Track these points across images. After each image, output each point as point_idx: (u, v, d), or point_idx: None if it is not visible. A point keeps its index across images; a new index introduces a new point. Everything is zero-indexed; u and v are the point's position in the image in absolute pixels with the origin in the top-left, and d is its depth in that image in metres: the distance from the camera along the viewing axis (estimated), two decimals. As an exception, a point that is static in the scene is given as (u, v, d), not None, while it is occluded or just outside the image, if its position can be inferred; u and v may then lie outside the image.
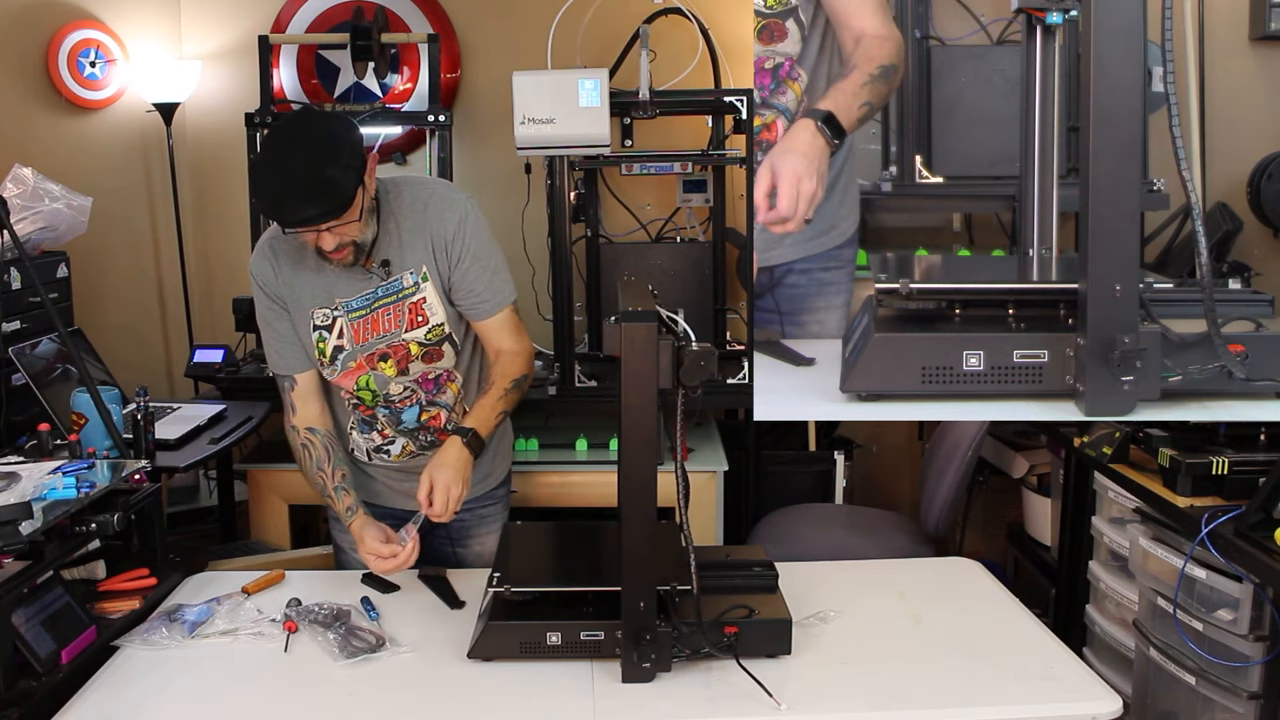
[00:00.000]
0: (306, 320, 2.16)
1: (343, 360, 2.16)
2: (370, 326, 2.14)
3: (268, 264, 2.16)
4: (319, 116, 2.09)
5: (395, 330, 2.14)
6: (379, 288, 2.13)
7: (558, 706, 1.69)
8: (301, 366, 2.20)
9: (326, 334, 2.15)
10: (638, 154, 3.21)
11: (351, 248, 2.03)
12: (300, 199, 1.91)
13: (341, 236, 1.99)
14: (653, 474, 1.69)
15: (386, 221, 2.11)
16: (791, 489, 3.44)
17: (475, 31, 3.79)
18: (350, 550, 2.37)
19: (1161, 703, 2.37)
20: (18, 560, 1.74)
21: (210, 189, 3.85)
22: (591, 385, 3.16)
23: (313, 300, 2.14)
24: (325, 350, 2.16)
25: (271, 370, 2.25)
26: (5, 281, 2.68)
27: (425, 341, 2.16)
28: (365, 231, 2.04)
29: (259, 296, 2.18)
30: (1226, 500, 2.22)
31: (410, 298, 2.13)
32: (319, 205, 1.92)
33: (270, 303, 2.17)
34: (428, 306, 2.14)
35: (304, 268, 2.13)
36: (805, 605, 1.97)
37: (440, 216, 2.12)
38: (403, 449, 2.27)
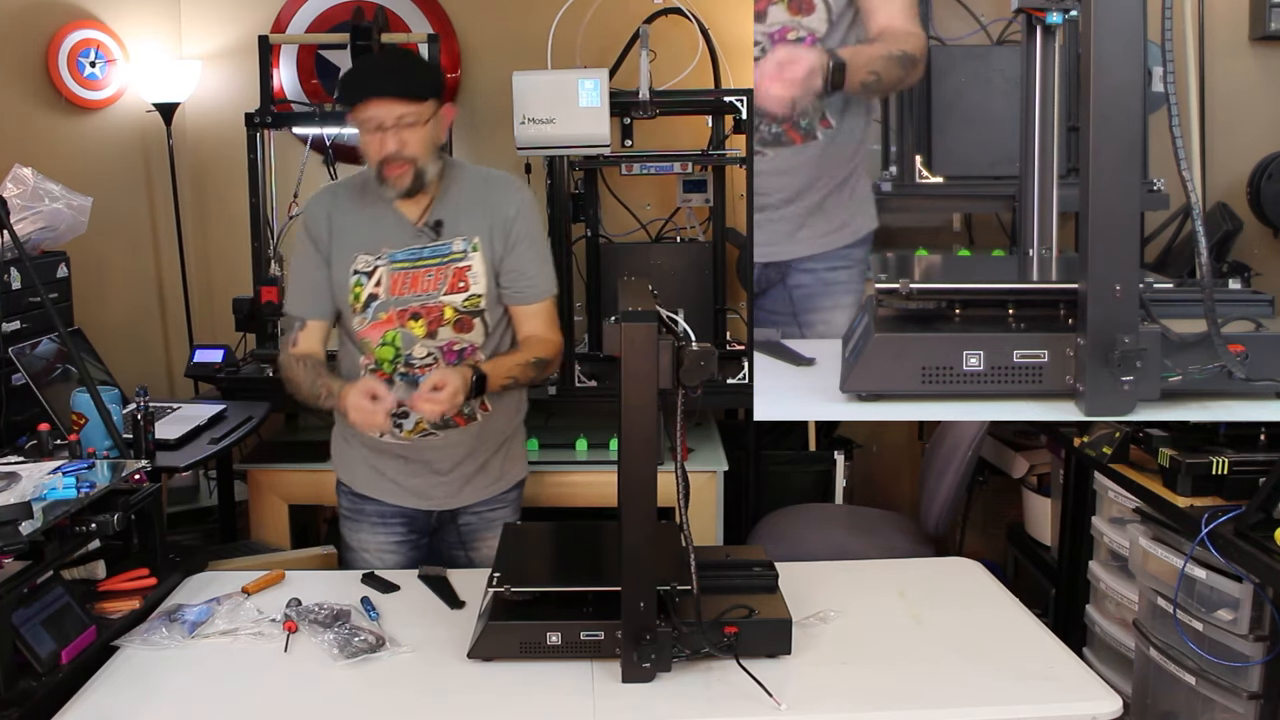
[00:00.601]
0: (348, 264, 2.21)
1: (374, 310, 2.20)
2: (409, 283, 2.19)
3: (325, 204, 2.24)
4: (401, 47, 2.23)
5: (433, 291, 2.19)
6: (426, 247, 2.20)
7: (558, 706, 1.68)
8: (315, 314, 2.25)
9: (365, 280, 2.20)
10: (638, 154, 3.21)
11: (411, 168, 2.11)
12: (381, 73, 2.13)
13: (405, 144, 2.09)
14: (653, 474, 1.69)
15: (449, 188, 2.22)
16: (791, 489, 3.44)
17: (475, 31, 3.79)
18: (358, 549, 2.38)
19: (1161, 703, 2.37)
20: (18, 560, 1.74)
21: (210, 189, 3.84)
22: (591, 385, 3.16)
23: (359, 245, 2.20)
24: (360, 296, 2.20)
25: (285, 308, 2.30)
26: (5, 281, 2.68)
27: (461, 309, 2.21)
28: (428, 160, 2.13)
29: (301, 236, 2.26)
30: (1226, 500, 2.22)
31: (457, 263, 2.20)
32: (399, 79, 2.08)
33: (311, 245, 2.24)
34: (471, 274, 2.20)
35: (360, 214, 2.21)
36: (805, 605, 1.97)
37: (503, 197, 2.23)
38: (416, 424, 2.26)
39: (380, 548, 2.37)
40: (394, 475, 2.32)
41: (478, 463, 2.33)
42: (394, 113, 2.08)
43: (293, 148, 3.67)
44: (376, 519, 2.36)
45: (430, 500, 2.34)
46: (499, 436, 2.35)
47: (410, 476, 2.32)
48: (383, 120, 2.09)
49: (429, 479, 2.31)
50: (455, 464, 2.31)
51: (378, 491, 2.34)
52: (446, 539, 2.41)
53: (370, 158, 2.15)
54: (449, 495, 2.34)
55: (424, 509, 2.35)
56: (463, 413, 2.25)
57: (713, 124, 3.30)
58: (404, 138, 2.10)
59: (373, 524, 2.37)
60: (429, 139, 2.13)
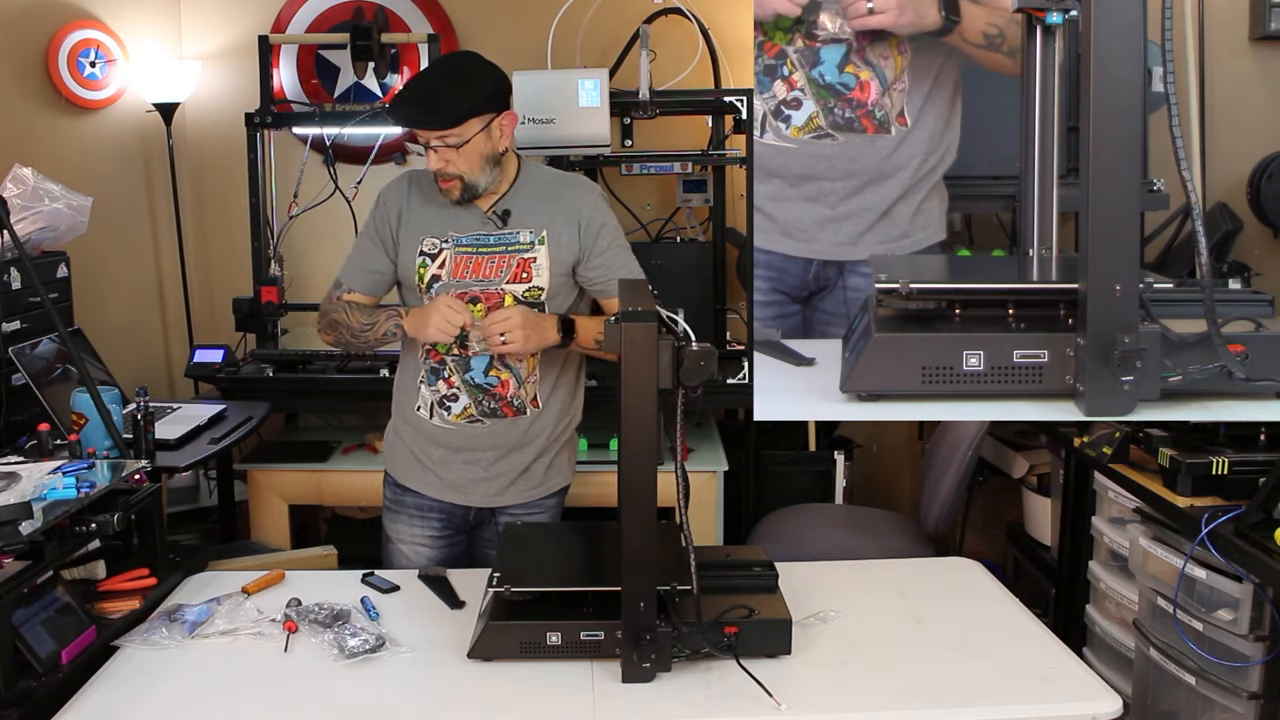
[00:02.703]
0: (415, 246, 2.27)
1: (437, 290, 2.25)
2: (472, 267, 2.25)
3: (401, 188, 2.32)
4: (471, 56, 2.27)
5: (495, 279, 2.25)
6: (492, 235, 2.26)
7: (558, 706, 1.69)
8: (360, 288, 2.32)
9: (430, 261, 2.26)
10: (638, 154, 3.21)
11: (458, 183, 2.19)
12: (413, 101, 2.19)
13: (446, 162, 2.17)
14: (653, 474, 1.69)
15: (522, 184, 2.29)
16: (791, 489, 3.44)
17: (475, 31, 3.79)
18: (395, 541, 2.41)
19: (1161, 703, 2.37)
20: (18, 560, 1.74)
21: (210, 189, 3.84)
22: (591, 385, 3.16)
23: (428, 229, 2.27)
24: (424, 276, 2.26)
25: (338, 274, 2.35)
26: (5, 281, 2.68)
27: (522, 298, 2.25)
28: (476, 174, 2.19)
29: (372, 216, 2.33)
30: (1226, 500, 2.22)
31: (522, 253, 2.25)
32: (421, 113, 2.15)
33: (378, 227, 2.31)
34: (535, 266, 2.25)
35: (433, 202, 2.28)
36: (805, 605, 1.97)
37: (579, 196, 2.31)
38: (464, 409, 2.28)
39: (416, 540, 2.38)
40: (435, 467, 2.35)
41: (522, 463, 2.34)
42: (433, 136, 2.16)
43: (293, 148, 3.67)
44: (415, 511, 2.39)
45: (469, 496, 2.35)
46: (546, 439, 2.36)
47: (451, 470, 2.33)
48: (426, 139, 2.17)
49: (470, 473, 2.33)
50: (497, 459, 2.33)
51: (418, 483, 2.37)
52: (484, 536, 2.44)
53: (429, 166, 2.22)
54: (488, 494, 2.36)
55: (462, 504, 2.37)
56: (512, 404, 2.28)
57: (713, 124, 3.31)
58: (446, 156, 2.17)
59: (410, 516, 2.39)
60: (475, 154, 2.18)
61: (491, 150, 2.20)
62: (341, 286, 2.33)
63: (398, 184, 2.34)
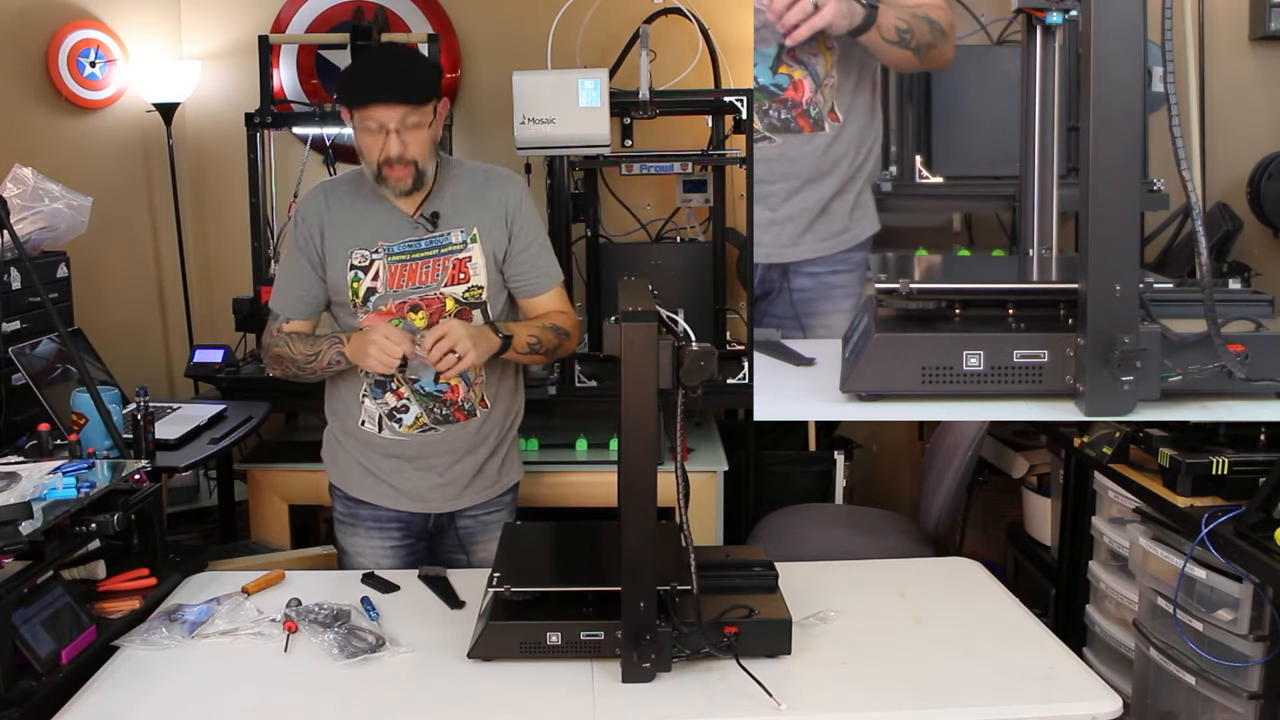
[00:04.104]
0: (344, 260, 2.21)
1: (374, 303, 2.21)
2: (407, 275, 2.20)
3: (317, 201, 2.24)
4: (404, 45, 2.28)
5: (433, 283, 2.20)
6: (423, 239, 2.20)
7: (558, 706, 1.68)
8: (297, 314, 2.27)
9: (362, 274, 2.21)
10: (638, 154, 3.21)
11: (412, 169, 2.12)
12: (386, 77, 2.10)
13: (407, 146, 2.09)
14: (653, 474, 1.69)
15: (443, 183, 2.23)
16: (791, 489, 3.43)
17: (475, 31, 3.80)
18: (353, 554, 2.37)
19: (1161, 703, 2.37)
20: (18, 560, 1.74)
21: (210, 189, 3.84)
22: (591, 385, 3.16)
23: (354, 241, 2.20)
24: (359, 291, 2.21)
25: (270, 304, 2.31)
26: (5, 281, 2.67)
27: (463, 300, 2.22)
28: (428, 160, 2.15)
29: (292, 235, 2.26)
30: (1226, 500, 2.22)
31: (456, 254, 2.21)
32: (399, 90, 2.07)
33: (300, 245, 2.24)
34: (472, 265, 2.21)
35: (354, 211, 2.22)
36: (805, 605, 1.97)
37: (502, 190, 2.25)
38: (415, 419, 2.26)
39: (376, 552, 2.35)
40: (389, 478, 2.31)
41: (475, 465, 2.33)
42: (397, 115, 2.08)
43: (293, 148, 3.67)
44: (372, 524, 2.35)
45: (428, 504, 2.33)
46: (496, 437, 2.35)
47: (406, 479, 2.31)
48: (385, 123, 2.09)
49: (426, 480, 2.31)
50: (452, 464, 2.31)
51: (373, 496, 2.32)
52: (445, 542, 2.41)
53: (369, 158, 2.14)
54: (447, 499, 2.33)
55: (421, 512, 2.34)
56: (463, 408, 2.26)
57: (713, 124, 3.30)
58: (406, 140, 2.10)
59: (368, 529, 2.35)
60: (429, 139, 2.14)
61: (435, 137, 2.17)
62: (279, 318, 2.27)
63: (312, 197, 2.26)
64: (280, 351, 2.24)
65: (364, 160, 2.17)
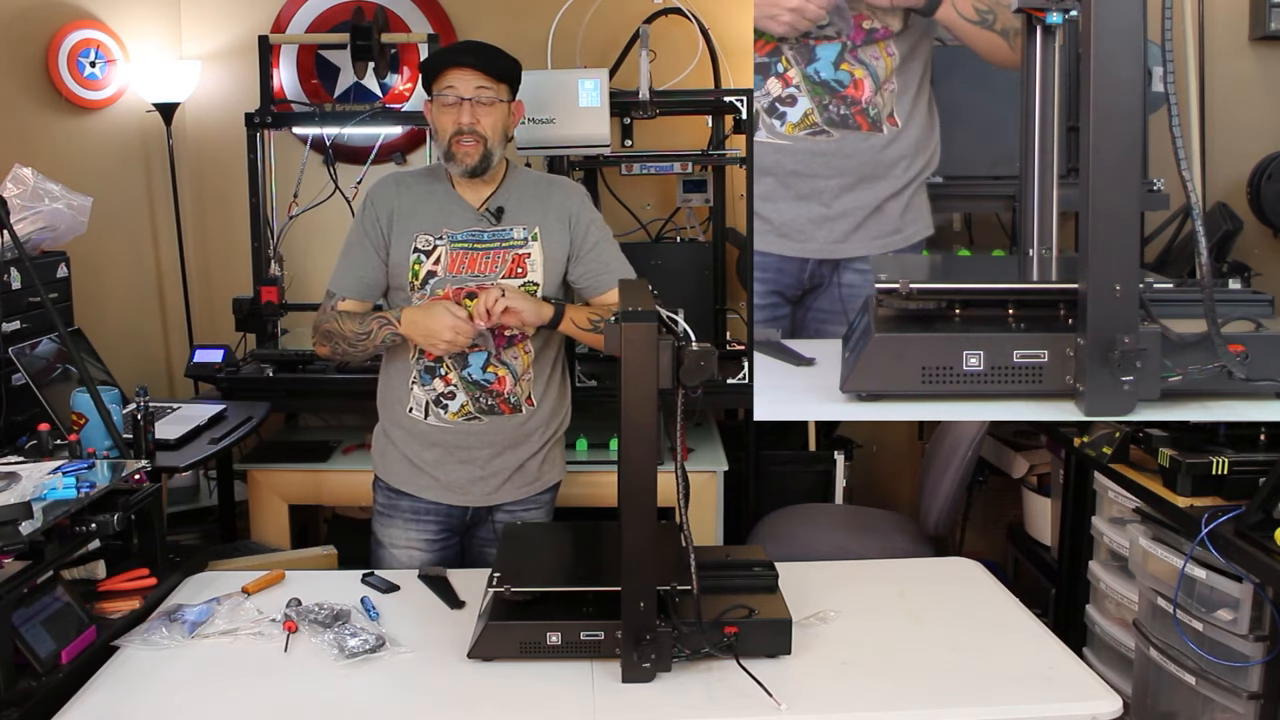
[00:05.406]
0: (409, 243, 2.27)
1: (432, 286, 2.26)
2: (467, 263, 2.26)
3: (389, 189, 2.32)
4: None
5: (491, 274, 2.27)
6: (486, 231, 2.28)
7: (558, 706, 1.68)
8: (354, 294, 2.31)
9: (424, 258, 2.27)
10: (638, 154, 3.21)
11: (481, 146, 2.21)
12: (466, 48, 2.26)
13: (478, 120, 2.19)
14: (653, 474, 1.69)
15: (510, 183, 2.33)
16: (791, 489, 3.43)
17: (475, 31, 3.78)
18: (389, 545, 2.41)
19: (1161, 703, 2.37)
20: (18, 560, 1.74)
21: (210, 189, 3.84)
22: (591, 385, 3.16)
23: (421, 226, 2.28)
24: (419, 273, 2.27)
25: (329, 285, 2.34)
26: (5, 281, 2.67)
27: None
28: (496, 143, 2.23)
29: (361, 218, 2.32)
30: (1226, 500, 2.22)
31: (517, 249, 2.28)
32: (482, 55, 2.21)
33: (366, 229, 2.30)
34: (530, 262, 2.28)
35: (424, 198, 2.30)
36: (805, 605, 1.97)
37: (565, 194, 2.35)
38: (461, 407, 2.29)
39: (411, 544, 2.38)
40: (431, 469, 2.34)
41: (516, 461, 2.36)
42: (473, 84, 2.19)
43: (293, 148, 3.67)
44: (410, 515, 2.38)
45: (466, 496, 2.36)
46: (540, 437, 2.38)
47: (447, 471, 2.34)
48: (461, 91, 2.19)
49: (467, 473, 2.34)
50: (493, 457, 2.33)
51: (414, 487, 2.36)
52: (480, 536, 2.44)
53: (443, 131, 2.22)
54: (485, 493, 2.36)
55: (459, 505, 2.37)
56: (509, 400, 2.29)
57: (713, 124, 3.31)
58: (478, 113, 2.20)
59: (406, 520, 2.39)
60: (500, 122, 2.23)
61: (506, 129, 2.26)
62: (334, 297, 2.32)
63: (384, 185, 2.34)
64: (330, 327, 2.28)
65: (437, 140, 2.25)
